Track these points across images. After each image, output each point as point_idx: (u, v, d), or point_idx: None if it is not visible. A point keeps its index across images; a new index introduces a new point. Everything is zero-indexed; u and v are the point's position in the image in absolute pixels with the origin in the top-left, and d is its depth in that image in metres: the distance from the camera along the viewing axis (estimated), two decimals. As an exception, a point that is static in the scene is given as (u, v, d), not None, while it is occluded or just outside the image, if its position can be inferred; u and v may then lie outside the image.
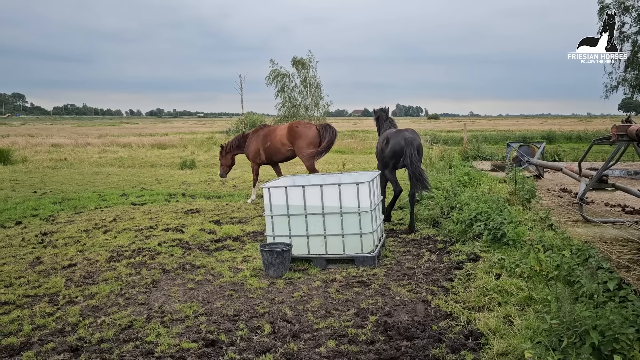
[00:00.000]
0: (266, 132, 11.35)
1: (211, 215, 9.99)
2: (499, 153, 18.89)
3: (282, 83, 48.22)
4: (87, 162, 22.49)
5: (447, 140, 28.95)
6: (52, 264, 6.93)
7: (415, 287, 5.61)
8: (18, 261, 7.15)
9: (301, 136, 10.68)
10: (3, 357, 4.26)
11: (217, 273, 6.37)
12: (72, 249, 7.66)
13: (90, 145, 30.79)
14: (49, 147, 29.87)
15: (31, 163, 22.22)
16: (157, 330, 4.70)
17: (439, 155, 14.90)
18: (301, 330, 4.61)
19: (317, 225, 6.47)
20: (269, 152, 11.18)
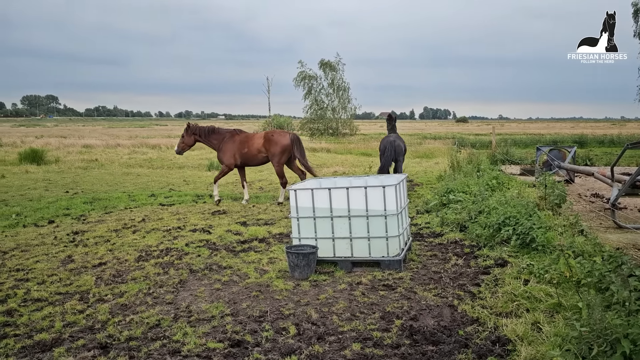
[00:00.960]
0: (243, 138, 11.86)
1: (238, 217, 10.07)
2: (528, 157, 18.61)
3: (309, 85, 48.38)
4: (117, 163, 22.92)
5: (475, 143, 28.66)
6: (83, 263, 7.09)
7: (441, 292, 5.56)
8: (50, 259, 7.33)
9: (276, 144, 11.41)
10: (35, 352, 4.38)
11: (243, 274, 6.42)
12: (102, 248, 7.82)
13: (120, 146, 31.38)
14: (80, 148, 30.56)
15: (64, 163, 22.75)
16: (184, 329, 4.76)
17: (466, 159, 14.72)
18: (326, 333, 4.61)
19: (343, 228, 6.47)
20: (245, 157, 11.76)
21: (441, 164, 18.69)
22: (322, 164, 20.92)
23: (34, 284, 6.20)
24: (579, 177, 13.68)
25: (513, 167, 15.99)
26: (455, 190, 9.95)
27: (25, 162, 22.51)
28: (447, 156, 17.07)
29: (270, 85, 46.26)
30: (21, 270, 6.79)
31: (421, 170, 18.32)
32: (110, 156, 25.91)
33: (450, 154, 16.88)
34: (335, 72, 48.64)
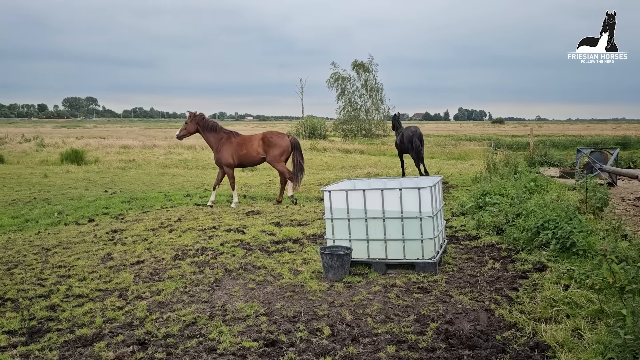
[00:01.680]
0: (240, 140, 12.00)
1: (271, 217, 10.14)
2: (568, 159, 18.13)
3: (343, 86, 48.37)
4: (153, 164, 23.40)
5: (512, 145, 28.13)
6: (122, 260, 7.25)
7: (477, 296, 5.47)
8: (91, 256, 7.52)
9: (275, 145, 11.67)
10: (77, 347, 4.50)
11: (278, 274, 6.45)
12: (140, 247, 7.98)
13: (156, 147, 32.01)
14: (118, 148, 31.31)
15: (102, 164, 23.36)
16: (220, 328, 4.81)
17: (503, 161, 14.46)
18: (360, 335, 4.59)
19: (378, 230, 6.43)
20: (242, 158, 11.93)
21: (477, 165, 18.41)
22: (355, 165, 20.89)
23: (75, 281, 6.38)
24: (622, 180, 13.26)
25: (552, 170, 15.61)
26: (491, 193, 9.78)
27: (66, 162, 23.22)
28: (483, 158, 16.80)
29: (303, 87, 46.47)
30: (63, 267, 6.99)
31: (456, 172, 18.09)
32: (146, 157, 26.45)
33: (486, 155, 16.60)
34: (369, 73, 48.53)
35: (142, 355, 4.29)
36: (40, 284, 6.27)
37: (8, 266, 7.10)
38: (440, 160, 24.26)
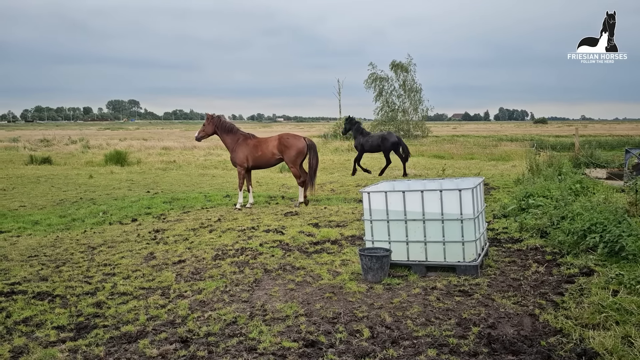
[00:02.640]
0: (256, 142, 12.11)
1: (310, 218, 10.16)
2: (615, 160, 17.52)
3: (380, 87, 48.11)
4: (193, 165, 23.81)
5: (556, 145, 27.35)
6: (164, 260, 7.40)
7: (521, 300, 5.34)
8: (134, 255, 7.71)
9: (291, 146, 11.76)
10: (122, 343, 4.61)
11: (317, 275, 6.46)
12: (181, 246, 8.13)
13: (196, 148, 32.56)
14: (160, 150, 32.03)
15: (144, 165, 23.93)
16: (260, 327, 4.85)
17: (546, 162, 14.08)
18: (400, 337, 4.55)
19: (417, 232, 6.36)
20: (258, 160, 12.05)
21: (519, 167, 17.99)
22: (394, 167, 20.70)
23: (119, 279, 6.55)
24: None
25: (598, 171, 15.10)
26: (534, 195, 9.54)
27: (110, 163, 23.89)
28: (525, 159, 16.39)
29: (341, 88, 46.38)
30: (108, 265, 7.18)
31: (497, 173, 17.74)
32: (187, 158, 26.93)
33: (528, 156, 16.19)
34: (407, 73, 48.09)
35: (184, 353, 4.36)
36: (86, 282, 6.46)
37: (57, 264, 7.34)
38: (481, 161, 23.82)
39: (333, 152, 29.23)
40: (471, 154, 27.23)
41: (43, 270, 7.00)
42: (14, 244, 8.65)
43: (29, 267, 7.16)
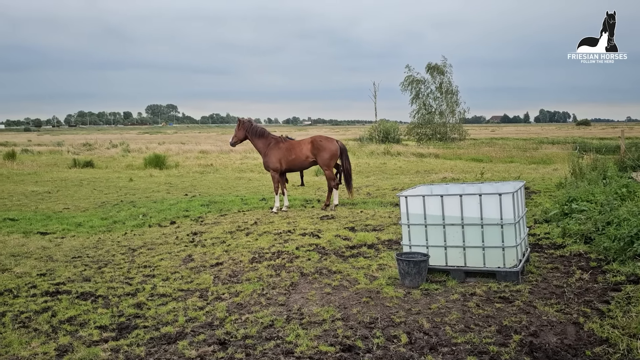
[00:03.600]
0: (288, 145, 12.14)
1: (346, 222, 10.13)
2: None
3: (417, 89, 47.72)
4: (230, 168, 24.11)
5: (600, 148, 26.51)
6: (202, 262, 7.49)
7: (564, 307, 5.18)
8: (173, 257, 7.84)
9: (325, 149, 11.76)
10: (162, 344, 4.69)
11: (353, 279, 6.42)
12: (218, 249, 8.22)
13: (233, 152, 32.96)
14: (197, 153, 32.57)
15: (182, 168, 24.36)
16: (297, 331, 4.85)
17: (590, 165, 13.64)
18: (439, 343, 4.47)
19: (456, 236, 6.25)
20: (291, 163, 12.06)
21: (561, 170, 17.53)
22: (430, 170, 20.50)
23: (159, 280, 6.67)
24: None
25: (645, 175, 14.55)
26: (578, 199, 9.25)
27: (149, 166, 24.44)
28: (568, 162, 15.95)
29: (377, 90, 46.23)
30: (148, 267, 7.33)
31: (538, 177, 17.31)
32: (224, 161, 27.30)
33: (571, 159, 15.75)
34: (443, 75, 47.58)
35: (222, 355, 4.40)
36: (127, 283, 6.60)
37: (99, 265, 7.53)
38: (521, 164, 23.32)
39: (369, 156, 29.10)
40: (511, 157, 26.71)
41: (86, 271, 7.19)
42: (58, 245, 8.92)
43: (73, 268, 7.37)
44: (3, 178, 20.72)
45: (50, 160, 29.55)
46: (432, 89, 48.22)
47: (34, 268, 7.38)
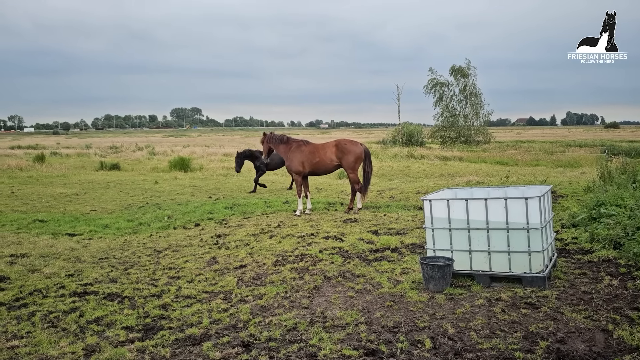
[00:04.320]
0: (312, 148, 12.16)
1: (369, 225, 10.10)
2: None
3: (440, 92, 47.41)
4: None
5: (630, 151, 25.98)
6: (226, 264, 7.55)
7: (593, 314, 5.08)
8: (197, 259, 7.91)
9: (350, 152, 11.78)
10: (187, 345, 4.74)
11: (377, 283, 6.40)
12: (242, 251, 8.27)
13: (257, 155, 33.14)
14: (221, 156, 32.83)
15: (207, 171, 24.59)
16: (320, 334, 4.85)
17: (619, 169, 13.36)
18: (464, 349, 4.43)
19: (481, 241, 6.18)
20: (315, 166, 12.06)
21: (588, 174, 17.20)
22: (455, 173, 20.32)
23: (184, 282, 6.74)
24: None
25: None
26: (606, 203, 9.07)
27: (174, 169, 24.73)
28: (596, 165, 15.65)
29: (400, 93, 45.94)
30: (173, 269, 7.41)
31: (565, 180, 17.01)
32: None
33: (599, 162, 15.45)
34: (467, 77, 47.14)
35: (246, 357, 4.42)
36: (153, 284, 6.69)
37: (125, 266, 7.65)
38: (547, 168, 22.95)
39: (392, 159, 28.98)
40: (536, 160, 26.32)
41: (113, 272, 7.31)
42: (86, 247, 9.09)
43: (100, 269, 7.50)
44: (33, 180, 21.21)
45: (78, 163, 30.14)
46: (455, 92, 47.84)
47: (63, 269, 7.53)
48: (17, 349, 4.75)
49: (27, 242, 9.54)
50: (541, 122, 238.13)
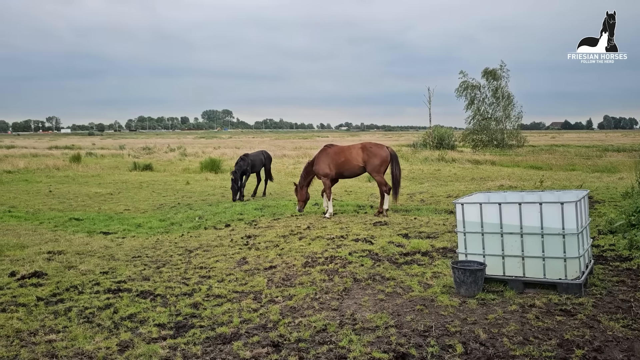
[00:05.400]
0: (337, 150, 12.14)
1: (399, 229, 10.03)
2: None
3: (472, 95, 46.77)
4: (283, 173, 24.35)
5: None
6: (256, 265, 7.60)
7: (631, 323, 4.92)
8: (228, 259, 7.98)
9: (375, 155, 11.83)
10: (217, 344, 4.78)
11: (407, 287, 6.34)
12: (272, 252, 8.31)
13: (286, 156, 33.35)
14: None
15: (238, 172, 24.78)
16: (349, 336, 4.83)
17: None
18: (496, 355, 4.35)
19: (514, 246, 6.06)
20: (341, 168, 12.01)
21: (627, 179, 16.71)
22: (487, 177, 20.02)
23: (214, 281, 6.81)
24: None
25: None
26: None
27: (205, 170, 25.03)
28: (635, 170, 15.19)
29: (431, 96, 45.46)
30: (204, 268, 7.49)
31: (602, 185, 16.57)
32: (276, 166, 27.59)
33: (638, 167, 14.99)
34: (499, 80, 46.38)
35: (276, 357, 4.44)
36: (184, 283, 6.78)
37: (157, 265, 7.77)
38: (583, 172, 22.39)
39: (422, 162, 28.72)
40: (572, 164, 25.72)
41: (145, 271, 7.43)
42: (119, 245, 9.27)
43: (133, 267, 7.64)
44: (69, 179, 21.77)
45: (112, 163, 30.79)
46: (487, 95, 47.12)
47: (97, 266, 7.70)
48: (54, 342, 4.87)
49: (63, 239, 9.79)
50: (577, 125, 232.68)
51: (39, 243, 9.40)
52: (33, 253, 8.52)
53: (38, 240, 9.72)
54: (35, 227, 11.13)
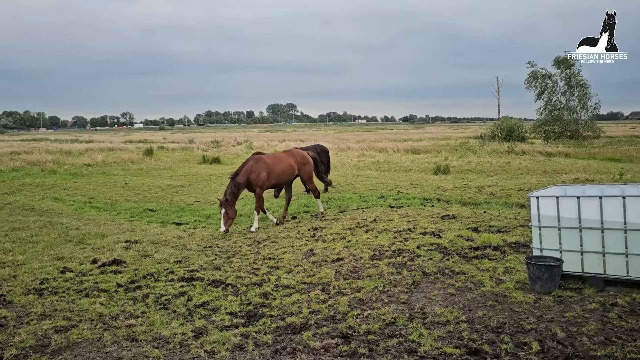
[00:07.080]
0: (273, 160, 11.17)
1: (468, 222, 9.78)
2: None
3: (542, 85, 44.80)
4: (347, 165, 24.35)
5: None
6: (323, 257, 7.65)
7: None
8: (295, 251, 8.08)
9: (308, 162, 11.53)
10: (287, 333, 4.86)
11: (478, 282, 6.19)
12: (339, 245, 8.34)
13: (350, 149, 33.27)
14: (316, 151, 33.25)
15: (303, 165, 25.02)
16: (419, 330, 4.78)
17: None
18: (575, 355, 4.17)
19: (594, 241, 5.77)
20: (280, 177, 11.10)
21: None
22: (560, 170, 19.18)
23: (283, 272, 6.92)
24: None
25: None
26: None
27: (271, 163, 25.41)
28: None
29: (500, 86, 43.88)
30: (272, 259, 7.63)
31: (688, 179, 15.47)
32: (341, 159, 27.63)
33: None
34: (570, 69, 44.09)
35: (345, 349, 4.45)
36: (254, 273, 6.93)
37: (227, 255, 7.99)
38: (666, 165, 20.98)
39: (491, 154, 27.86)
40: (655, 157, 24.14)
41: (216, 260, 7.66)
42: (191, 235, 9.60)
43: (205, 257, 7.89)
44: (143, 172, 22.76)
45: (182, 157, 31.88)
46: (559, 84, 44.96)
47: (171, 255, 8.01)
48: (134, 327, 5.12)
49: (139, 229, 10.25)
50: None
51: (117, 232, 9.90)
52: (112, 242, 8.98)
53: (116, 229, 10.23)
54: (113, 218, 11.72)
